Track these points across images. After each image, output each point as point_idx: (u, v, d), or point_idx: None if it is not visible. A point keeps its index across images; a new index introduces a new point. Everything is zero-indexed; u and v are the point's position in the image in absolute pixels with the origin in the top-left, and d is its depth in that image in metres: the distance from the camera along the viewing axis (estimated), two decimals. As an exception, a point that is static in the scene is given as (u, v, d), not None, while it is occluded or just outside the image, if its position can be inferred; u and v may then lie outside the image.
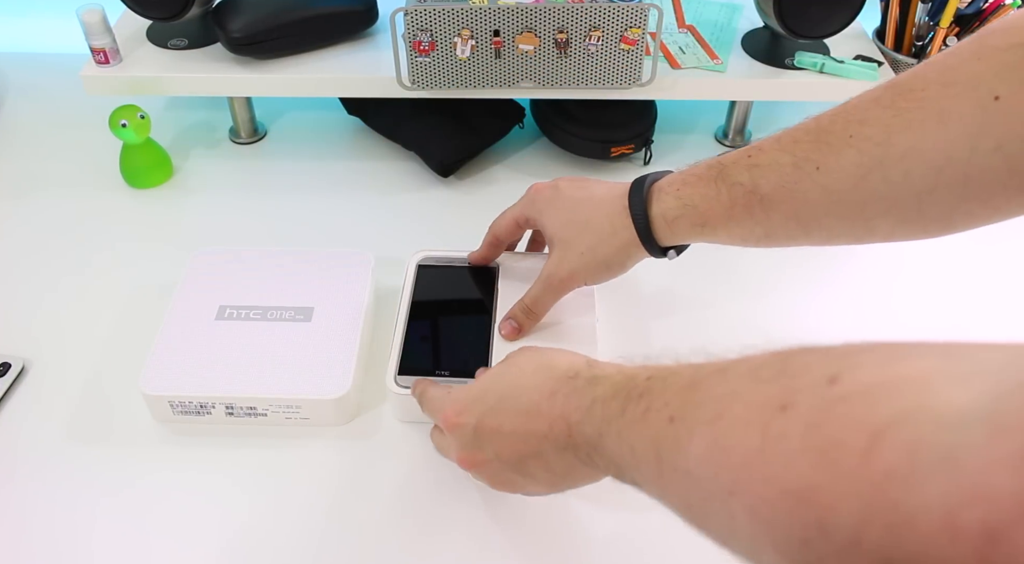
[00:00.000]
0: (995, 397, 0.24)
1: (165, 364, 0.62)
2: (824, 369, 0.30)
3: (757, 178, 0.51)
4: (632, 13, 0.75)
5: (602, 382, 0.42)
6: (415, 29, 0.75)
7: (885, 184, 0.46)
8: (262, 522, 0.57)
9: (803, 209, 0.50)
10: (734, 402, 0.33)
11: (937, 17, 0.85)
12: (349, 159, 0.90)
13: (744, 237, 0.54)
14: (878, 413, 0.27)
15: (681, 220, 0.55)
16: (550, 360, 0.47)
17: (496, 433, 0.47)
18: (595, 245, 0.59)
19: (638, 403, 0.38)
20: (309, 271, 0.69)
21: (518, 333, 0.64)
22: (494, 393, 0.48)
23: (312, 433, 0.62)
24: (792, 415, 0.30)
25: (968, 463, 0.23)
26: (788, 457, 0.29)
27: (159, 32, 0.86)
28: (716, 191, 0.53)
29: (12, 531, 0.56)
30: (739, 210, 0.52)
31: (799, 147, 0.50)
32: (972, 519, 0.22)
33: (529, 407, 0.45)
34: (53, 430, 0.63)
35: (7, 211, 0.83)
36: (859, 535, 0.26)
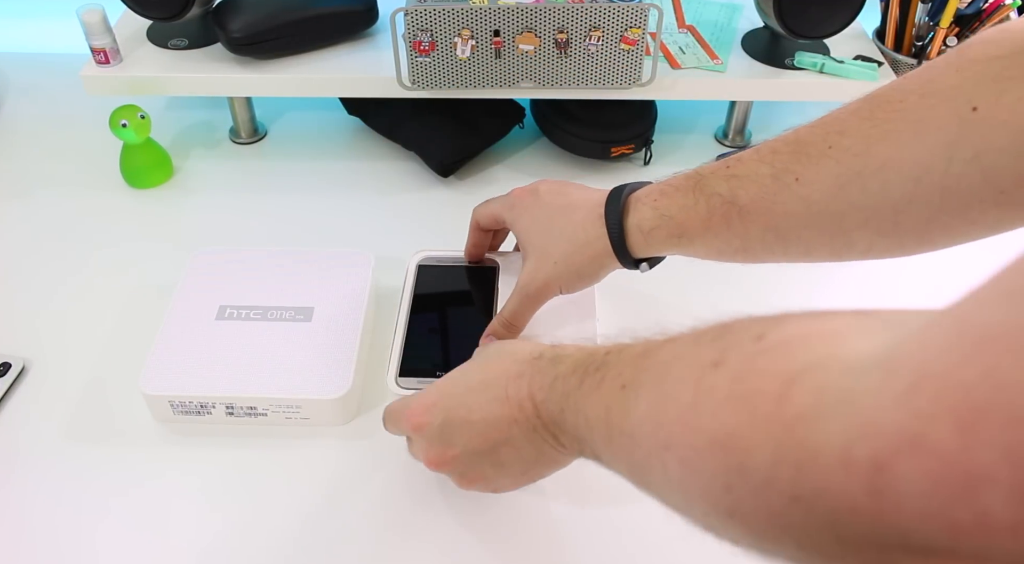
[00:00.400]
0: (892, 345, 0.26)
1: (165, 364, 0.62)
2: (754, 329, 0.32)
3: (736, 188, 0.51)
4: (632, 13, 0.75)
5: (564, 360, 0.44)
6: (415, 29, 0.75)
7: (863, 195, 0.46)
8: (262, 522, 0.57)
9: (782, 221, 0.50)
10: (675, 363, 0.35)
11: (937, 17, 0.85)
12: (349, 159, 0.90)
13: (720, 250, 0.54)
14: (793, 362, 0.29)
15: (657, 231, 0.54)
16: (514, 346, 0.49)
17: (465, 423, 0.48)
18: (569, 254, 0.58)
19: (595, 375, 0.40)
20: (309, 271, 0.69)
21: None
22: (461, 385, 0.49)
23: (312, 433, 0.62)
24: (721, 369, 0.32)
25: (863, 403, 0.25)
26: (715, 408, 0.31)
27: (159, 32, 0.86)
28: (694, 201, 0.52)
29: (12, 531, 0.56)
30: (717, 221, 0.52)
31: (778, 158, 0.50)
32: (863, 452, 0.24)
33: (497, 393, 0.46)
34: (53, 430, 0.63)
35: (7, 211, 0.83)
36: (772, 475, 0.28)
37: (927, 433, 0.23)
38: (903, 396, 0.24)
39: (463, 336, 0.65)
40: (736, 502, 0.29)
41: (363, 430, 0.63)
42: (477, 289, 0.68)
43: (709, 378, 0.32)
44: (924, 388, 0.23)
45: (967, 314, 0.24)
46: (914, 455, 0.23)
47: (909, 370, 0.24)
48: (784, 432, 0.28)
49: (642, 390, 0.36)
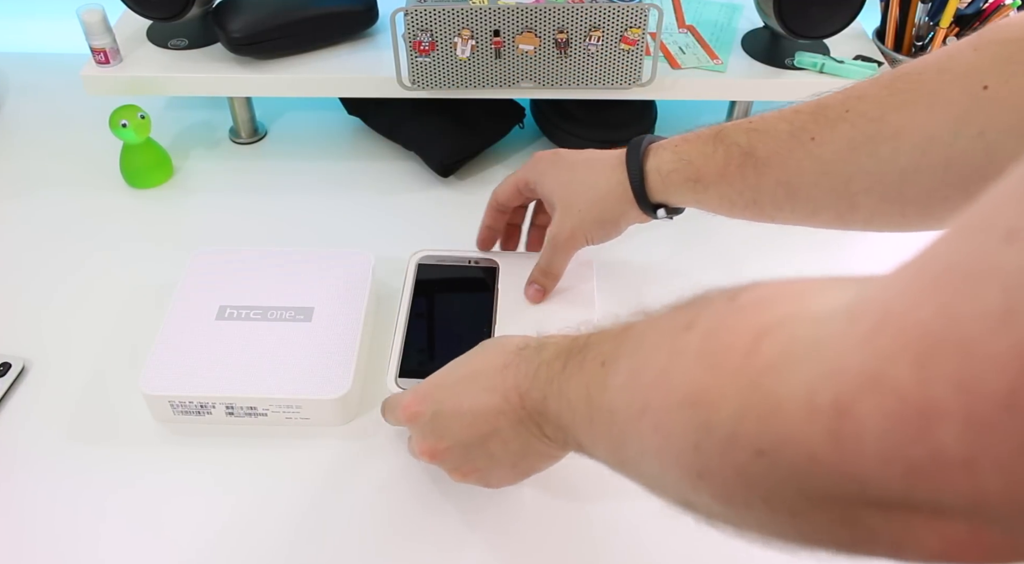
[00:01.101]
0: (856, 294, 0.26)
1: (165, 364, 0.62)
2: (728, 292, 0.32)
3: (754, 141, 0.53)
4: (632, 13, 0.75)
5: (548, 348, 0.45)
6: (415, 29, 0.75)
7: (872, 159, 0.48)
8: (262, 522, 0.57)
9: (793, 177, 0.52)
10: (649, 331, 0.36)
11: (937, 17, 0.85)
12: (349, 159, 0.90)
13: (732, 201, 0.55)
14: (763, 317, 0.29)
15: (675, 174, 0.57)
16: (502, 339, 0.49)
17: (455, 414, 0.48)
18: (592, 201, 0.61)
19: (576, 357, 0.41)
20: (309, 271, 0.69)
21: (542, 295, 0.66)
22: (453, 376, 0.50)
23: (312, 433, 0.62)
24: (694, 330, 0.32)
25: (827, 349, 0.25)
26: (686, 367, 0.31)
27: (159, 32, 0.86)
28: (713, 149, 0.55)
29: (12, 531, 0.56)
30: (733, 169, 0.54)
31: (798, 117, 0.52)
32: (825, 397, 0.24)
33: (485, 384, 0.47)
34: (53, 430, 0.63)
35: (7, 211, 0.83)
36: (736, 429, 0.28)
37: (886, 371, 0.23)
38: (865, 338, 0.24)
39: (463, 336, 0.65)
40: (704, 461, 0.29)
41: (363, 430, 0.63)
42: (477, 288, 0.68)
43: (682, 339, 0.32)
44: (885, 328, 0.23)
45: (927, 255, 0.24)
46: (874, 394, 0.23)
47: (872, 313, 0.24)
48: (749, 384, 0.27)
49: (620, 362, 0.36)
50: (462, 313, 0.68)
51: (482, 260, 0.70)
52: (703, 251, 0.77)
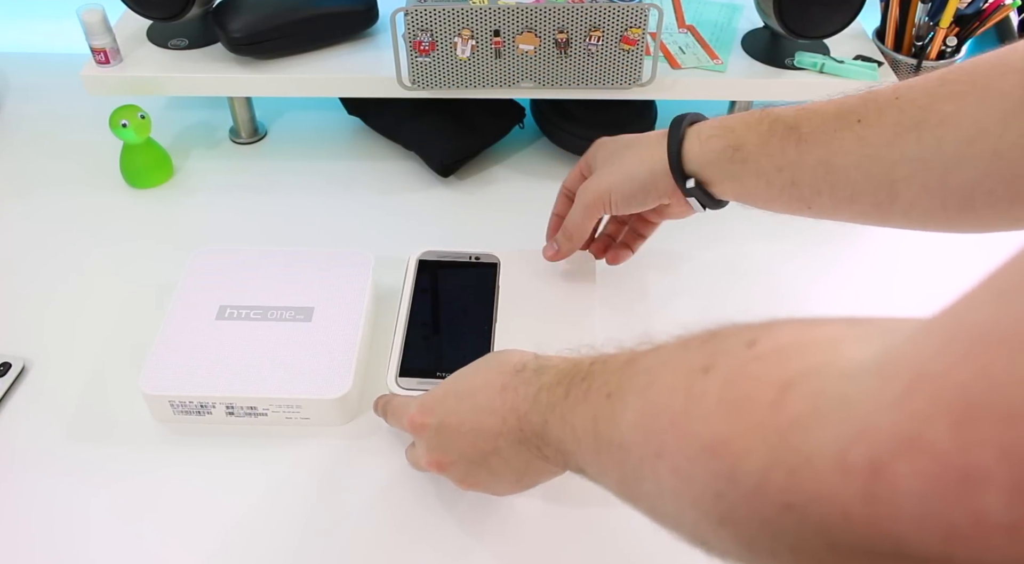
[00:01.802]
0: (887, 349, 0.26)
1: (165, 364, 0.62)
2: (745, 335, 0.32)
3: (800, 119, 0.53)
4: (632, 13, 0.75)
5: (548, 371, 0.44)
6: (415, 29, 0.75)
7: (917, 146, 0.47)
8: (262, 522, 0.57)
9: (835, 156, 0.51)
10: (662, 370, 0.35)
11: (937, 17, 0.85)
12: (349, 159, 0.90)
13: (770, 179, 0.54)
14: (787, 369, 0.29)
15: (715, 140, 0.56)
16: (502, 356, 0.49)
17: (457, 432, 0.48)
18: (628, 163, 0.61)
19: (580, 385, 0.40)
20: (309, 271, 0.69)
21: (554, 254, 0.67)
22: (453, 393, 0.50)
23: (312, 433, 0.62)
24: (712, 375, 0.31)
25: (859, 407, 0.25)
26: (706, 414, 0.31)
27: (159, 32, 0.86)
28: (758, 120, 0.55)
29: (12, 531, 0.56)
30: (776, 141, 0.53)
31: (847, 102, 0.52)
32: (859, 456, 0.24)
33: (484, 404, 0.47)
34: (53, 430, 0.63)
35: (7, 211, 0.83)
36: (764, 481, 0.27)
37: (924, 433, 0.22)
38: (899, 398, 0.24)
39: (464, 336, 0.65)
40: (728, 509, 0.29)
41: (363, 430, 0.63)
42: (478, 286, 0.68)
43: (699, 384, 0.32)
44: (920, 389, 0.23)
45: (960, 315, 0.24)
46: (911, 456, 0.23)
47: (905, 372, 0.24)
48: (778, 438, 0.27)
49: (629, 397, 0.36)
50: (463, 310, 0.68)
51: (483, 256, 0.70)
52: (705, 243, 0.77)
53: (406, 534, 0.57)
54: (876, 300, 0.74)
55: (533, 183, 0.87)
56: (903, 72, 0.88)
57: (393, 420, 0.56)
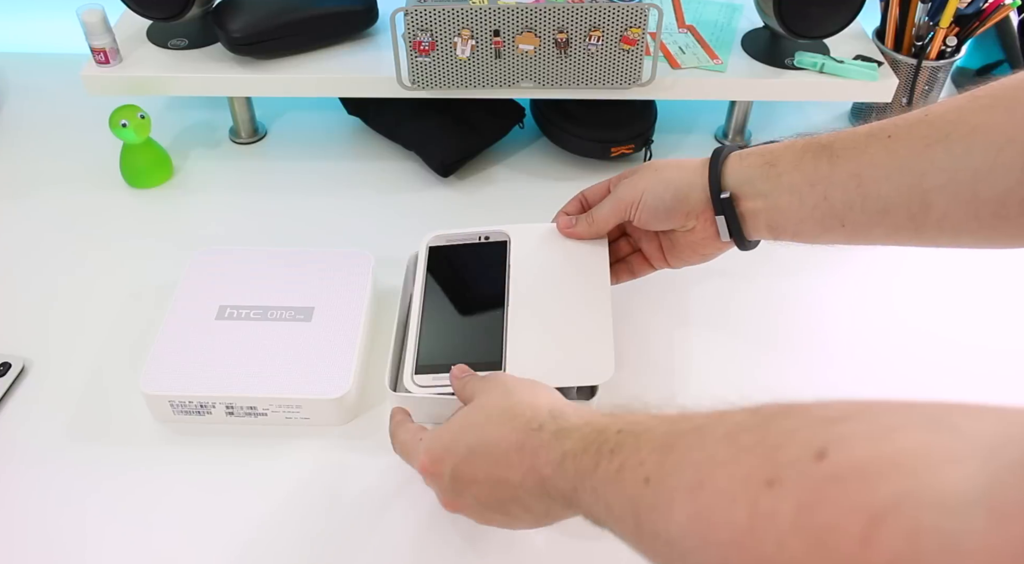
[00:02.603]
0: (992, 478, 0.24)
1: (165, 364, 0.62)
2: (809, 440, 0.30)
3: (833, 139, 0.54)
4: (632, 13, 0.75)
5: (570, 435, 0.43)
6: (415, 29, 0.75)
7: (947, 156, 0.48)
8: (262, 522, 0.57)
9: (866, 169, 0.52)
10: (715, 470, 0.33)
11: (937, 17, 0.85)
12: (349, 159, 0.90)
13: (803, 196, 0.55)
14: (874, 496, 0.26)
15: (752, 156, 0.57)
16: (513, 407, 0.47)
17: (472, 482, 0.47)
18: (668, 173, 0.61)
19: (611, 459, 0.39)
20: (309, 271, 0.69)
21: (569, 230, 0.66)
22: (464, 443, 0.48)
23: (312, 433, 0.62)
24: (780, 492, 0.29)
25: (970, 551, 0.23)
26: (780, 538, 0.28)
27: (159, 32, 0.86)
28: (793, 142, 0.57)
29: (12, 530, 0.56)
30: (809, 157, 0.55)
31: (878, 124, 0.53)
32: None
33: (499, 457, 0.46)
34: (53, 430, 0.63)
35: (7, 211, 0.83)
36: None
37: None
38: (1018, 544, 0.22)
39: (477, 325, 0.63)
40: None
41: (363, 430, 0.63)
42: (488, 267, 0.66)
43: (766, 500, 0.29)
44: None
45: None
46: None
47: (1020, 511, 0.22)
48: None
49: (676, 495, 0.34)
50: (474, 298, 0.66)
51: (493, 234, 0.68)
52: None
53: (406, 534, 0.57)
54: (877, 303, 0.74)
55: (533, 183, 0.87)
56: (903, 72, 0.88)
57: (399, 452, 0.55)
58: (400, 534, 0.57)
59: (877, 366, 0.68)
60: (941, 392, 0.66)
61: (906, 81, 0.88)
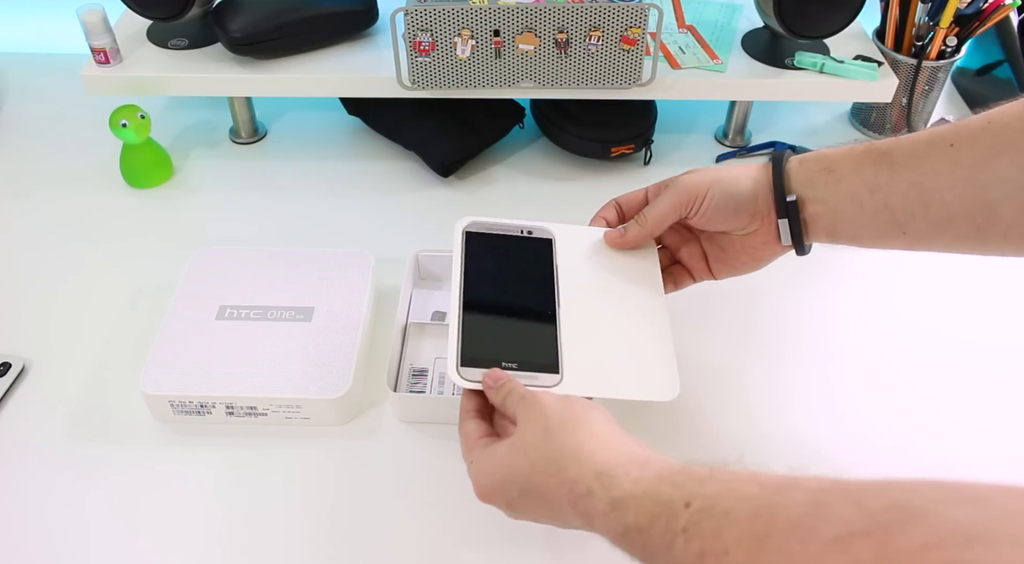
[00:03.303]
0: None
1: (165, 364, 0.62)
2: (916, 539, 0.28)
3: (893, 146, 0.53)
4: (632, 13, 0.75)
5: (628, 507, 0.40)
6: (415, 29, 0.75)
7: (1013, 167, 0.48)
8: (262, 521, 0.57)
9: (927, 179, 0.51)
10: None
11: (937, 17, 0.85)
12: (349, 159, 0.90)
13: (862, 202, 0.53)
14: None
15: (812, 161, 0.56)
16: (556, 458, 0.45)
17: (528, 515, 0.47)
18: (733, 172, 0.58)
19: (688, 541, 0.36)
20: (309, 271, 0.69)
21: (623, 241, 0.60)
22: (514, 487, 0.46)
23: (312, 433, 0.62)
24: None
25: None
26: None
27: (159, 32, 0.86)
28: (852, 148, 0.55)
29: (12, 531, 0.56)
30: (869, 164, 0.53)
31: (938, 131, 0.52)
32: None
33: (553, 506, 0.44)
34: (53, 430, 0.63)
35: (7, 211, 0.83)
36: None
37: None
38: None
39: (526, 319, 0.58)
40: None
41: (363, 430, 0.63)
42: (535, 263, 0.61)
43: None
44: None
45: None
46: None
47: None
48: None
49: None
50: (522, 290, 0.60)
51: (536, 230, 0.62)
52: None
53: (406, 534, 0.57)
54: (879, 303, 0.74)
55: (533, 183, 0.87)
56: (903, 72, 0.88)
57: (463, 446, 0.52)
58: (400, 534, 0.57)
59: (881, 368, 0.68)
60: (943, 392, 0.66)
61: (906, 81, 0.88)
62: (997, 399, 0.66)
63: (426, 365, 0.66)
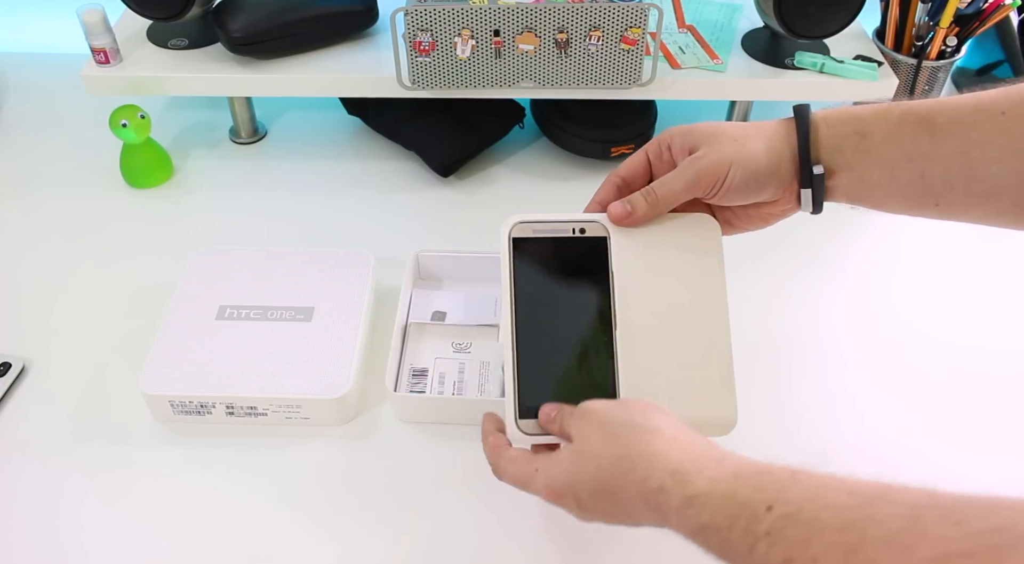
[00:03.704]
0: None
1: (165, 364, 0.62)
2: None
3: (934, 110, 0.48)
4: (632, 13, 0.75)
5: (704, 505, 0.38)
6: (415, 29, 0.75)
7: None
8: (262, 522, 0.57)
9: (974, 148, 0.47)
10: None
11: (937, 17, 0.85)
12: (349, 159, 0.90)
13: (895, 171, 0.49)
14: None
15: (841, 125, 0.50)
16: (624, 458, 0.43)
17: (598, 516, 0.45)
18: (751, 145, 0.52)
19: (771, 545, 0.35)
20: (309, 271, 0.69)
21: (628, 218, 0.54)
22: (585, 489, 0.45)
23: (312, 433, 0.62)
24: None
25: None
26: None
27: (159, 32, 0.86)
28: (886, 110, 0.50)
29: (13, 531, 0.56)
30: (906, 131, 0.48)
31: (985, 95, 0.48)
32: None
33: (626, 504, 0.43)
34: (54, 430, 0.63)
35: (7, 211, 0.83)
36: None
37: None
38: None
39: (581, 349, 0.52)
40: None
41: (363, 430, 0.63)
42: (587, 271, 0.54)
43: None
44: None
45: None
46: None
47: None
48: None
49: None
50: (575, 312, 0.53)
51: (588, 226, 0.54)
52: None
53: (406, 533, 0.57)
54: (880, 302, 0.74)
55: (533, 183, 0.87)
56: (903, 72, 0.88)
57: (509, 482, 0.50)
58: (400, 534, 0.57)
59: (881, 365, 0.68)
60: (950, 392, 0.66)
61: (906, 81, 0.88)
62: (1006, 400, 0.66)
63: (426, 365, 0.66)
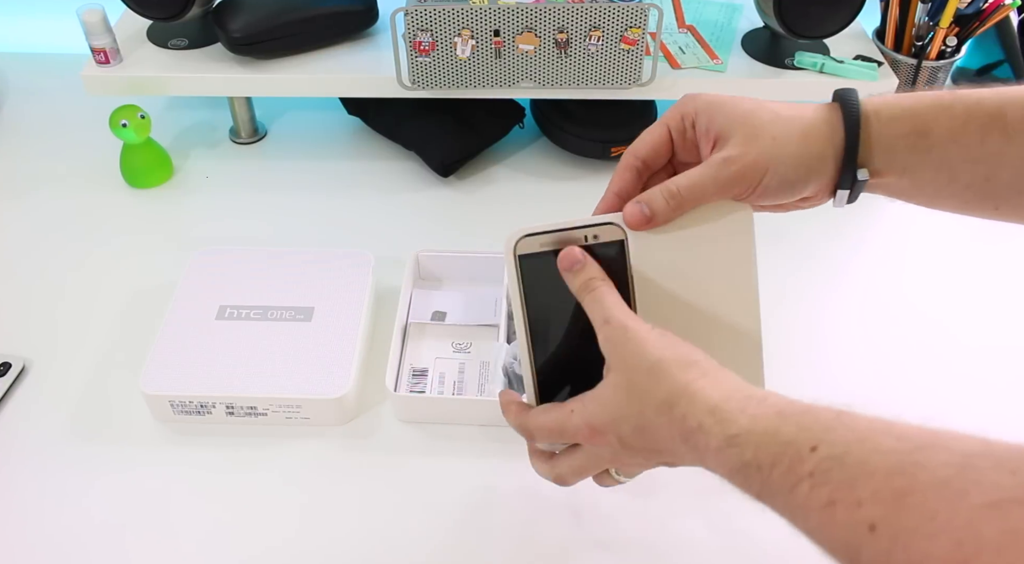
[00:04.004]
0: None
1: (165, 364, 0.62)
2: None
3: (1005, 105, 0.43)
4: (632, 13, 0.75)
5: (745, 444, 0.37)
6: (415, 29, 0.75)
7: None
8: (262, 521, 0.57)
9: None
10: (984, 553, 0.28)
11: (937, 17, 0.85)
12: (349, 159, 0.90)
13: (955, 174, 0.44)
14: None
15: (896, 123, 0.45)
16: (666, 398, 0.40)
17: (639, 453, 0.44)
18: (790, 139, 0.45)
19: (813, 486, 0.33)
20: (309, 271, 0.69)
21: (647, 223, 0.46)
22: (627, 424, 0.42)
23: (312, 433, 0.62)
24: None
25: None
26: None
27: (159, 32, 0.86)
28: (949, 103, 0.44)
29: (13, 531, 0.56)
30: (972, 129, 0.43)
31: None
32: None
33: (664, 441, 0.41)
34: (54, 430, 0.63)
35: (7, 211, 0.83)
36: None
37: None
38: None
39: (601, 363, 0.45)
40: None
41: (363, 430, 0.63)
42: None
43: None
44: None
45: None
46: None
47: None
48: None
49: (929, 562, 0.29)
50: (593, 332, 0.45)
51: (601, 230, 0.47)
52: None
53: (406, 534, 0.57)
54: (886, 286, 0.74)
55: (533, 183, 0.87)
56: (903, 72, 0.88)
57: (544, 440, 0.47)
58: (400, 534, 0.57)
59: (882, 362, 0.68)
60: (948, 388, 0.66)
61: (906, 81, 0.88)
62: (1006, 400, 0.66)
63: (426, 365, 0.67)
